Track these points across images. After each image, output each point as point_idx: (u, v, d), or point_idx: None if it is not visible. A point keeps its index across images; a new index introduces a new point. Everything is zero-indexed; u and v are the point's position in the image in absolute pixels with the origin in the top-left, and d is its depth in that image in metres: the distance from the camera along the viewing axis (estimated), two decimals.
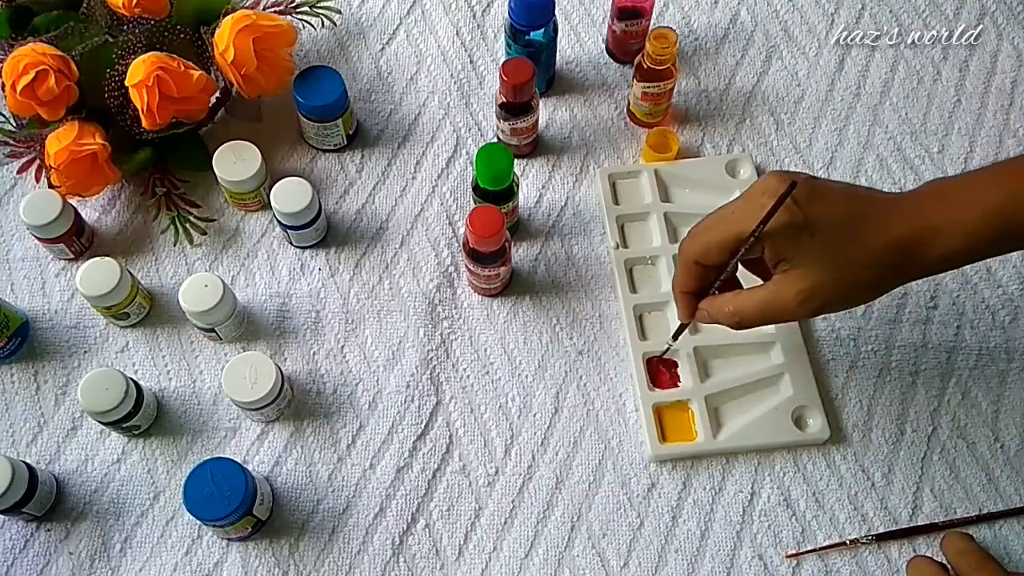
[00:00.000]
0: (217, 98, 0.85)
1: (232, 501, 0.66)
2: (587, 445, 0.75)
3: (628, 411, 0.77)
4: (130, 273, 0.78)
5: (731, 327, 0.64)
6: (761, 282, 0.64)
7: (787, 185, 0.59)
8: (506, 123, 0.83)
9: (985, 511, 0.73)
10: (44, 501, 0.72)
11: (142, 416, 0.74)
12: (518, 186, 0.79)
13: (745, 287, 0.66)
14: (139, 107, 0.77)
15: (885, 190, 0.84)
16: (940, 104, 0.90)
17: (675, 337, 0.74)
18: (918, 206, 0.61)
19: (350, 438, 0.76)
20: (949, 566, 0.68)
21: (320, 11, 0.89)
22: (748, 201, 0.62)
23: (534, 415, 0.77)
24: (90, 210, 0.85)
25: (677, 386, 0.76)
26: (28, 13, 0.84)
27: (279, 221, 0.81)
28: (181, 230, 0.83)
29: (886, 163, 0.87)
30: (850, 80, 0.91)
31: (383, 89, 0.92)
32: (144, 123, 0.78)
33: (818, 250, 0.59)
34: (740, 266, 0.65)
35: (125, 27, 0.82)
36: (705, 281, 0.66)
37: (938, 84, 0.91)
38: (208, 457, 0.69)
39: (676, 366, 0.77)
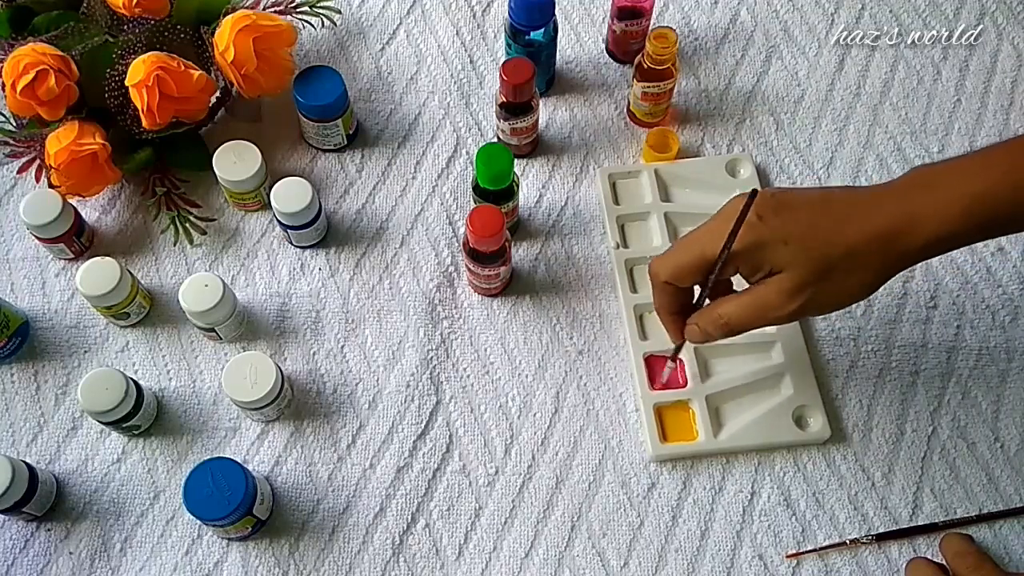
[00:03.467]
0: (217, 98, 0.85)
1: (232, 501, 0.66)
2: (587, 445, 0.75)
3: (628, 411, 0.77)
4: (130, 273, 0.78)
5: (723, 335, 0.64)
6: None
7: (752, 211, 0.58)
8: (506, 123, 0.83)
9: (985, 511, 0.73)
10: (44, 501, 0.72)
11: (142, 416, 0.74)
12: (518, 186, 0.79)
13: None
14: (139, 107, 0.77)
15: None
16: (940, 104, 0.90)
17: (674, 357, 0.73)
18: (900, 196, 0.60)
19: (350, 438, 0.76)
20: (948, 567, 0.68)
21: (320, 11, 0.89)
22: (715, 222, 0.62)
23: (534, 415, 0.77)
24: (90, 210, 0.85)
25: (684, 385, 0.76)
26: (28, 13, 0.84)
27: (279, 221, 0.81)
28: (181, 230, 0.83)
29: (886, 163, 0.87)
30: (850, 80, 0.91)
31: (383, 89, 0.92)
32: (144, 123, 0.78)
33: (795, 255, 0.59)
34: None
35: (125, 27, 0.82)
36: (685, 299, 0.66)
37: (938, 84, 0.91)
38: (208, 457, 0.69)
39: (681, 362, 0.77)
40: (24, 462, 0.71)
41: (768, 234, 0.59)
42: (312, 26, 0.92)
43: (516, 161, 0.78)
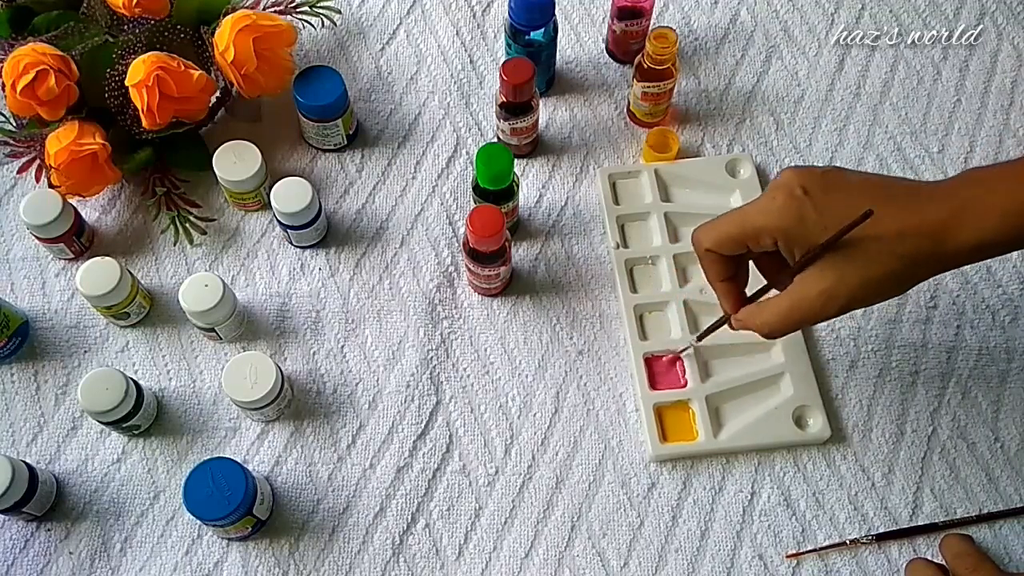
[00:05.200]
0: (217, 98, 0.85)
1: (232, 501, 0.66)
2: (587, 445, 0.75)
3: (628, 411, 0.77)
4: (130, 273, 0.78)
5: (764, 337, 0.64)
6: (766, 282, 0.64)
7: (799, 185, 0.58)
8: (506, 123, 0.83)
9: (985, 511, 0.73)
10: (44, 501, 0.72)
11: (142, 416, 0.74)
12: (518, 186, 0.79)
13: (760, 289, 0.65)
14: (139, 107, 0.77)
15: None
16: (940, 104, 0.90)
17: (708, 332, 0.73)
18: (949, 192, 0.58)
19: (350, 438, 0.76)
20: (948, 568, 0.68)
21: (320, 11, 0.89)
22: (764, 196, 0.61)
23: (534, 415, 0.77)
24: (90, 210, 0.85)
25: (684, 385, 0.76)
26: (28, 13, 0.84)
27: (279, 221, 0.81)
28: (181, 230, 0.83)
29: (886, 163, 0.87)
30: (850, 80, 0.91)
31: (383, 89, 0.92)
32: (144, 123, 0.78)
33: (835, 248, 0.58)
34: (754, 266, 0.66)
35: (125, 27, 0.82)
36: (733, 268, 0.65)
37: (938, 84, 0.91)
38: (208, 457, 0.69)
39: (681, 362, 0.77)
40: (24, 462, 0.71)
41: (811, 212, 0.58)
42: (312, 26, 0.92)
43: (516, 161, 0.78)
